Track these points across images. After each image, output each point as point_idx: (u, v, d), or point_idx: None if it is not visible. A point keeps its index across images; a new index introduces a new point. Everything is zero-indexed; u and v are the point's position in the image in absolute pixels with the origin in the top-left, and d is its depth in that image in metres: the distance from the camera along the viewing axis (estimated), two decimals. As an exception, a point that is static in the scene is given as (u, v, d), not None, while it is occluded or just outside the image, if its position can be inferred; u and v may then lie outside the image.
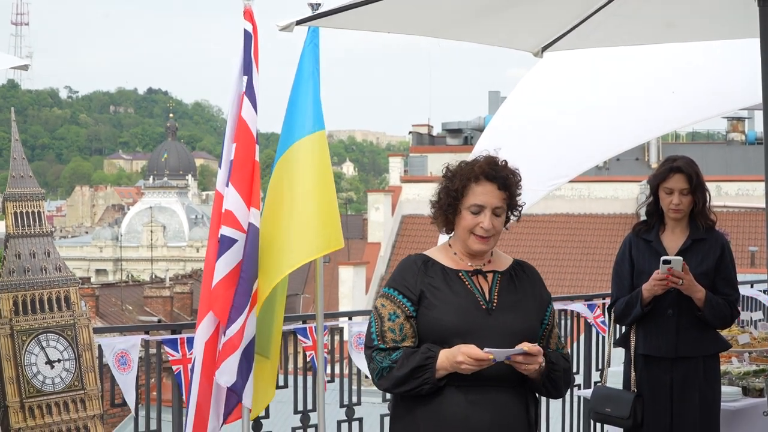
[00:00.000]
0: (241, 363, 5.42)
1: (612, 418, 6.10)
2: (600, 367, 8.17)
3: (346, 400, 7.35)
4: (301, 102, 5.66)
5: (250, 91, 5.53)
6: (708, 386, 5.96)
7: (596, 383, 7.32)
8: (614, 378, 6.33)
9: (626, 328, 6.19)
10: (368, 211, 39.80)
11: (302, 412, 7.02)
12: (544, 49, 5.92)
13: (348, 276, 35.23)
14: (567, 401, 8.36)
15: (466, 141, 46.27)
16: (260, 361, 5.66)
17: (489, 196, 4.23)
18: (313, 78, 5.64)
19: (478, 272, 4.29)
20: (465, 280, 4.26)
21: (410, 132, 50.21)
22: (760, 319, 8.33)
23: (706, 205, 6.01)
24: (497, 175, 4.24)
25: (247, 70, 5.54)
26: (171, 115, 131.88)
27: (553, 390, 4.29)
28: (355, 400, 7.37)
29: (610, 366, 6.49)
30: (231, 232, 5.45)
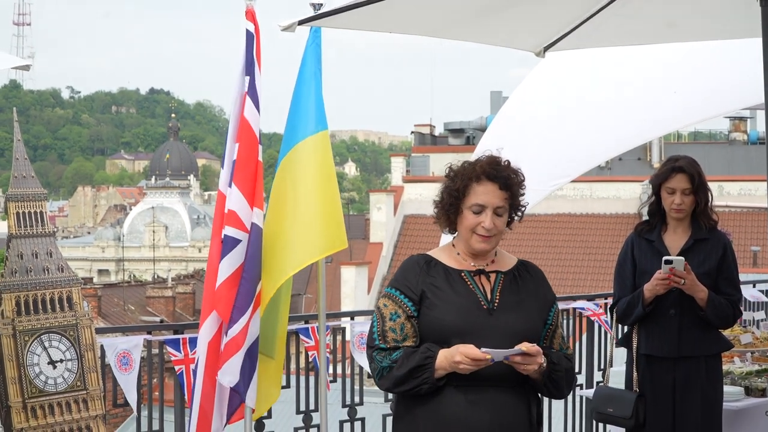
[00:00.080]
0: (244, 363, 5.42)
1: (614, 418, 6.09)
2: (602, 367, 8.17)
3: (348, 400, 7.35)
4: (303, 102, 5.66)
5: (252, 91, 5.53)
6: (710, 386, 5.96)
7: (598, 383, 7.31)
8: (616, 378, 6.32)
9: (628, 328, 6.18)
10: (370, 211, 39.75)
11: (304, 412, 7.02)
12: (546, 48, 5.92)
13: (350, 276, 35.21)
14: (569, 401, 8.36)
15: (468, 141, 46.25)
16: (265, 362, 5.66)
17: (490, 195, 4.23)
18: (315, 78, 5.65)
19: (480, 272, 4.29)
20: (467, 280, 4.26)
21: (412, 132, 50.19)
22: (763, 319, 8.34)
23: (708, 205, 6.00)
24: (498, 174, 4.23)
25: (249, 70, 5.54)
26: (173, 115, 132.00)
27: (555, 390, 4.28)
28: (357, 400, 7.38)
29: (612, 366, 6.49)
30: (234, 232, 5.45)
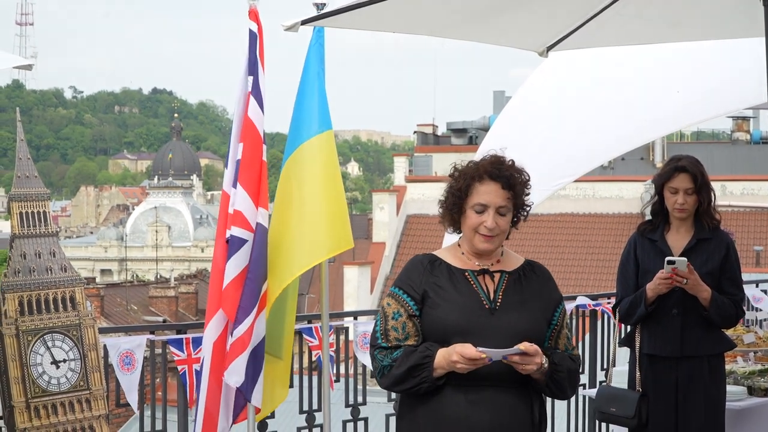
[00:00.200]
0: (249, 363, 5.42)
1: (617, 418, 6.09)
2: (605, 366, 8.16)
3: (351, 400, 7.35)
4: (307, 102, 5.66)
5: (256, 91, 5.53)
6: (713, 386, 5.95)
7: (601, 383, 7.31)
8: (619, 377, 6.32)
9: (631, 327, 6.18)
10: (373, 210, 39.74)
11: (307, 412, 7.02)
12: (549, 48, 5.91)
13: (353, 276, 35.20)
14: (572, 401, 8.36)
15: (471, 141, 46.26)
16: (272, 362, 5.66)
17: (492, 195, 4.22)
18: (318, 78, 5.65)
19: (484, 272, 4.28)
20: (470, 279, 4.26)
21: (415, 132, 50.25)
22: (765, 319, 8.33)
23: (711, 205, 6.00)
24: (501, 174, 4.23)
25: (252, 70, 5.54)
26: (176, 115, 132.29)
27: (558, 391, 4.26)
28: (360, 399, 7.38)
29: (615, 365, 6.49)
30: (241, 232, 5.44)
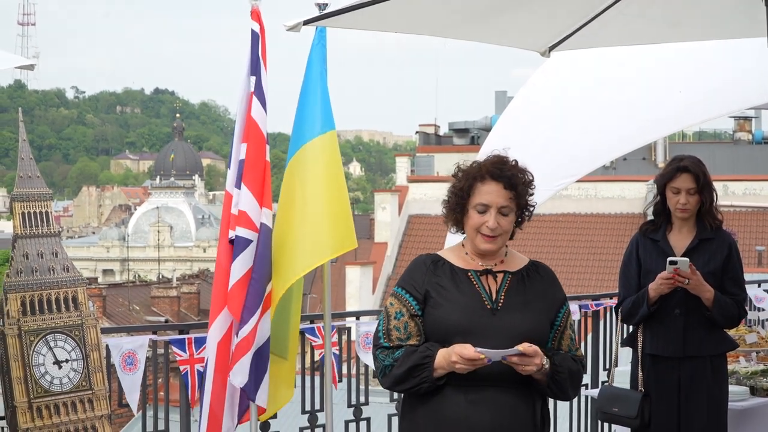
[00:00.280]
0: (254, 364, 5.42)
1: (619, 418, 6.09)
2: (607, 366, 8.16)
3: (353, 400, 7.35)
4: (310, 103, 5.65)
5: (259, 91, 5.52)
6: (715, 386, 5.96)
7: (603, 383, 7.32)
8: (621, 378, 6.32)
9: (633, 327, 6.18)
10: (375, 210, 39.73)
11: (310, 412, 7.02)
12: (551, 48, 5.91)
13: (355, 276, 35.18)
14: (574, 401, 8.36)
15: (473, 141, 46.22)
16: (277, 362, 5.66)
17: (494, 195, 4.23)
18: (321, 78, 5.64)
19: (487, 272, 4.29)
20: (473, 279, 4.26)
21: (417, 132, 50.19)
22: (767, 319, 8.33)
23: (713, 205, 6.00)
24: (503, 174, 4.23)
25: (254, 70, 5.54)
26: (178, 115, 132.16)
27: (559, 392, 4.25)
28: (362, 400, 7.38)
29: (617, 366, 6.49)
30: (246, 232, 5.44)
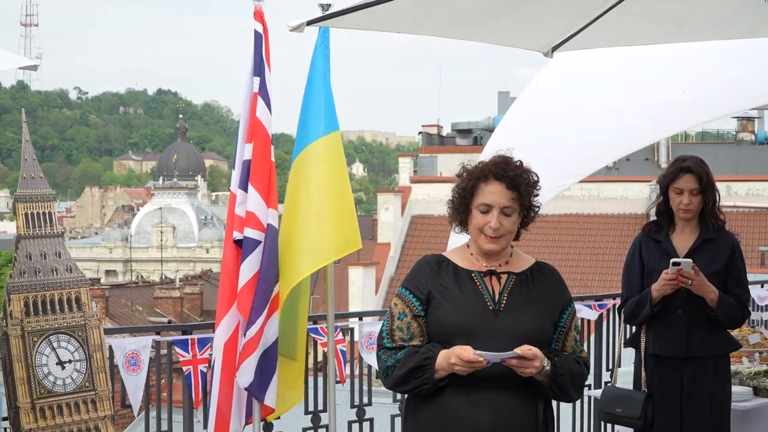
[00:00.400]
0: (260, 365, 5.42)
1: (622, 419, 6.09)
2: (610, 367, 8.16)
3: (356, 401, 7.35)
4: (314, 103, 5.65)
5: (263, 92, 5.52)
6: (718, 386, 5.95)
7: (606, 383, 7.31)
8: (624, 378, 6.32)
9: (636, 328, 6.18)
10: (378, 211, 39.67)
11: (313, 413, 7.02)
12: (554, 49, 5.91)
13: (358, 276, 35.15)
14: (577, 401, 8.35)
15: (476, 141, 46.17)
16: (285, 363, 5.66)
17: (496, 195, 4.23)
18: (324, 79, 5.64)
19: (491, 273, 4.28)
20: (476, 280, 4.26)
21: (420, 132, 50.10)
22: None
23: (716, 205, 5.99)
24: (505, 174, 4.23)
25: (258, 70, 5.54)
26: (180, 116, 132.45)
27: (561, 393, 4.24)
28: (365, 400, 7.38)
29: (620, 366, 6.49)
30: (254, 233, 5.44)
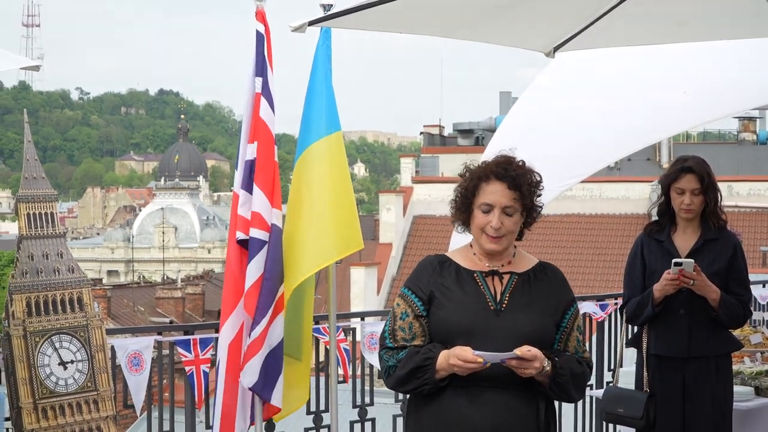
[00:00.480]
0: (265, 365, 5.42)
1: (624, 419, 6.09)
2: (612, 367, 8.16)
3: (358, 401, 7.35)
4: (316, 104, 5.66)
5: (266, 92, 5.53)
6: (720, 386, 5.95)
7: (608, 383, 7.31)
8: (625, 378, 6.32)
9: (638, 328, 6.18)
10: (380, 211, 39.64)
11: (315, 413, 7.02)
12: (555, 49, 5.91)
13: (359, 277, 35.12)
14: (579, 401, 8.35)
15: (478, 141, 46.14)
16: (290, 363, 5.66)
17: (498, 195, 4.23)
18: (326, 79, 5.65)
19: (494, 273, 4.28)
20: (478, 280, 4.26)
21: (421, 133, 50.06)
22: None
23: (718, 205, 6.00)
24: (507, 174, 4.23)
25: (260, 71, 5.54)
26: (182, 116, 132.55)
27: (562, 394, 4.24)
28: (367, 400, 7.38)
29: (622, 366, 6.49)
30: (260, 233, 5.44)
